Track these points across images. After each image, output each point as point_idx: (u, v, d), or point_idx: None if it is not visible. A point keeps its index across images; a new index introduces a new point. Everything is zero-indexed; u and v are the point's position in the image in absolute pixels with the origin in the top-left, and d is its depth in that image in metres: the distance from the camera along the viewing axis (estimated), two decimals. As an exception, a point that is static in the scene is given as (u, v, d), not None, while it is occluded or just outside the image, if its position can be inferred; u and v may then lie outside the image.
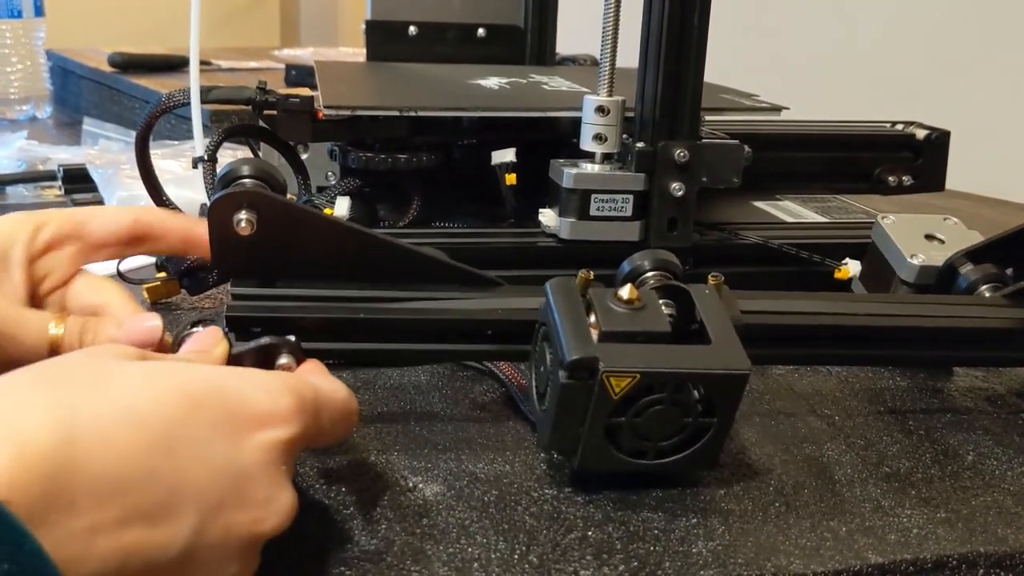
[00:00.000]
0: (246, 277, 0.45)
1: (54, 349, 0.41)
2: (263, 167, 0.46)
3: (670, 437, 0.41)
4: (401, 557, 0.37)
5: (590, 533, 0.39)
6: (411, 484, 0.42)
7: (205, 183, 0.60)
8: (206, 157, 0.59)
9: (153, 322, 0.41)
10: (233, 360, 0.39)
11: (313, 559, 0.37)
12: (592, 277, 0.43)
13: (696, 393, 0.40)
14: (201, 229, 0.44)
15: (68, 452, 0.27)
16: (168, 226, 0.46)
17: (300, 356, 0.40)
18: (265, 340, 0.40)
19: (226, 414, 0.32)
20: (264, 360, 0.39)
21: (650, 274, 0.47)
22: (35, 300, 0.44)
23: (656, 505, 0.42)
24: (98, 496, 0.27)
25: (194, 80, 0.59)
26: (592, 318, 0.41)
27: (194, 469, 0.30)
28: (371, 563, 0.37)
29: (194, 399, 0.31)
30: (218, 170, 0.61)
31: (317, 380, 0.37)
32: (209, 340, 0.39)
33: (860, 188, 0.83)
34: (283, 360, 0.39)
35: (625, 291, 0.42)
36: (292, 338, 0.40)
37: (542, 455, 0.45)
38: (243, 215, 0.42)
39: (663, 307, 0.43)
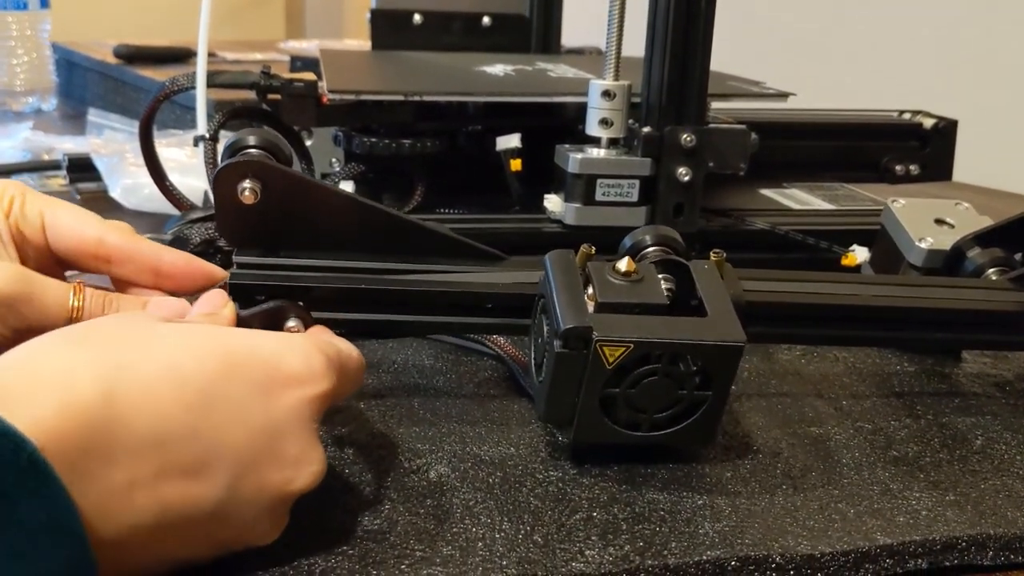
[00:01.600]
0: (250, 246, 0.45)
1: (74, 317, 0.39)
2: (269, 137, 0.45)
3: (665, 409, 0.41)
4: (405, 537, 0.37)
5: (595, 514, 0.39)
6: (415, 466, 0.42)
7: (205, 162, 0.59)
8: (207, 136, 0.58)
9: (180, 305, 0.41)
10: (241, 323, 0.40)
11: (315, 536, 0.36)
12: (593, 252, 0.43)
13: (692, 365, 0.40)
14: (170, 260, 0.42)
15: (110, 406, 0.28)
16: (133, 253, 0.41)
17: (307, 320, 0.41)
18: (273, 303, 0.41)
19: (263, 374, 0.32)
20: (272, 323, 0.40)
21: (651, 249, 0.47)
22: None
23: (662, 487, 0.41)
24: (138, 450, 0.28)
25: (201, 62, 0.59)
26: (589, 290, 0.41)
27: (232, 427, 0.31)
28: (374, 542, 0.36)
29: (233, 359, 0.32)
30: (219, 152, 0.61)
31: (334, 340, 0.38)
32: (217, 301, 0.39)
33: (867, 177, 0.83)
34: (291, 323, 0.40)
35: (623, 263, 0.42)
36: (300, 303, 0.41)
37: (546, 438, 0.45)
38: (247, 184, 0.42)
39: (662, 281, 0.43)
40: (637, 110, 0.61)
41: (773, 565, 0.37)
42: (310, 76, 0.62)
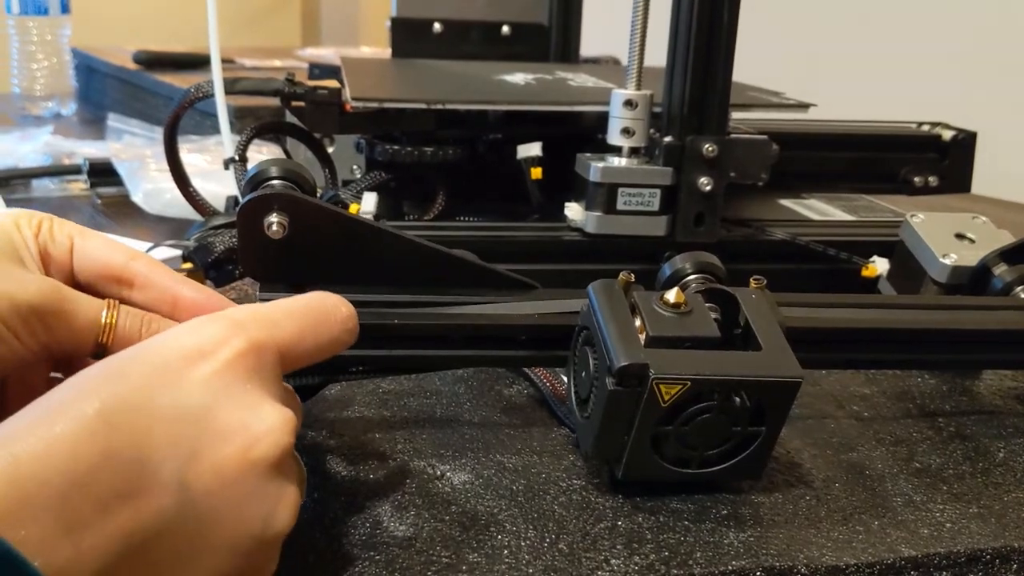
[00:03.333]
0: (275, 281, 0.44)
1: (102, 342, 0.37)
2: (292, 168, 0.44)
3: (716, 446, 0.40)
4: (431, 543, 0.37)
5: (620, 523, 0.39)
6: (439, 472, 0.42)
7: (237, 183, 0.60)
8: (236, 157, 0.59)
9: None
10: None
11: (340, 542, 0.37)
12: (633, 279, 0.42)
13: (747, 401, 0.39)
14: (190, 295, 0.39)
15: (11, 467, 0.26)
16: (155, 280, 0.39)
17: None
18: None
19: (151, 367, 0.30)
20: None
21: (692, 277, 0.46)
22: None
23: (686, 496, 0.41)
24: (59, 497, 0.26)
25: (216, 69, 0.59)
26: (637, 322, 0.40)
27: (146, 431, 0.29)
28: (400, 548, 0.36)
29: (113, 369, 0.30)
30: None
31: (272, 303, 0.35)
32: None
33: (886, 188, 0.83)
34: None
35: (672, 294, 0.41)
36: None
37: (568, 446, 0.45)
38: (274, 218, 0.41)
39: (709, 311, 0.42)
40: (658, 119, 0.61)
41: (798, 576, 0.37)
42: (333, 84, 0.62)
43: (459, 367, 0.52)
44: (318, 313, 0.36)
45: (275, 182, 0.44)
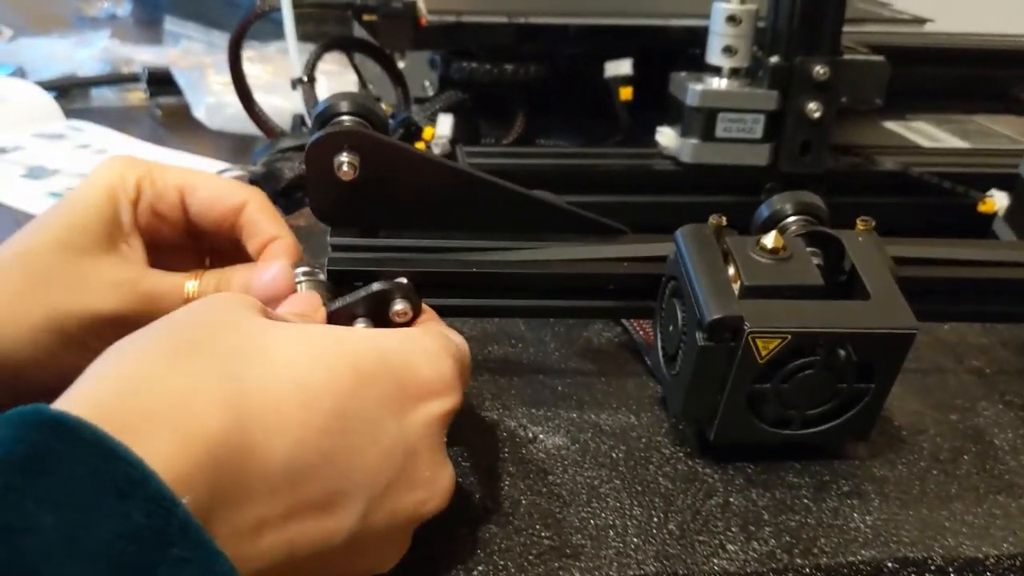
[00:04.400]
0: (347, 225, 0.41)
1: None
2: (364, 102, 0.40)
3: (820, 405, 0.36)
4: (529, 520, 0.34)
5: (732, 500, 0.36)
6: (531, 435, 0.39)
7: (306, 105, 0.56)
8: (304, 78, 0.55)
9: (281, 271, 0.36)
10: (345, 310, 0.35)
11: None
12: (725, 223, 0.38)
13: (854, 356, 0.36)
14: (281, 244, 0.37)
15: (240, 437, 0.24)
16: (260, 228, 0.37)
17: (416, 303, 0.35)
18: (377, 286, 0.35)
19: (395, 387, 0.28)
20: (377, 308, 0.35)
21: (792, 218, 0.41)
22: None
23: (801, 468, 0.38)
24: (270, 486, 0.24)
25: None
26: (731, 270, 0.36)
27: (365, 450, 0.27)
28: (497, 525, 0.34)
29: (363, 371, 0.28)
30: (316, 90, 0.57)
31: (450, 334, 0.33)
32: (312, 302, 0.35)
33: (993, 108, 0.76)
34: (398, 307, 0.34)
35: (770, 239, 0.37)
36: (404, 280, 0.35)
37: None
38: (344, 157, 0.38)
39: (811, 257, 0.38)
40: (762, 35, 0.56)
41: (933, 567, 0.33)
42: (408, -6, 0.58)
43: (542, 316, 0.49)
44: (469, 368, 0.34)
45: (345, 118, 0.40)
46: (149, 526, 0.20)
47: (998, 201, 0.58)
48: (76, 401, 0.23)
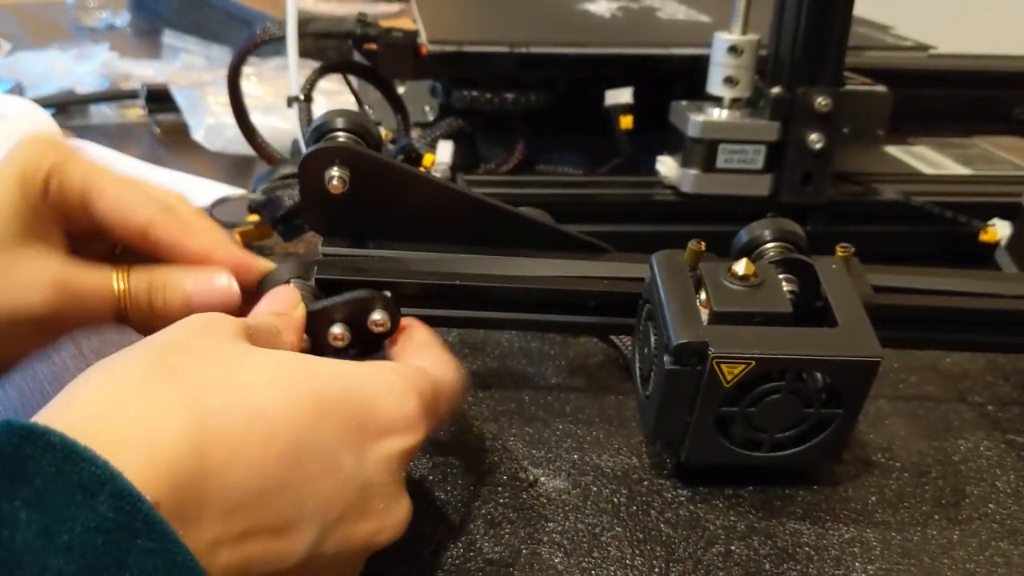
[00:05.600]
0: (337, 236, 0.42)
1: (121, 307, 0.35)
2: (358, 119, 0.41)
3: (788, 428, 0.37)
4: (529, 571, 0.34)
5: (734, 547, 0.36)
6: (532, 477, 0.39)
7: (301, 124, 0.56)
8: (302, 96, 0.55)
9: (225, 284, 0.36)
10: (324, 313, 0.37)
11: (431, 564, 0.34)
12: (704, 248, 0.38)
13: (820, 381, 0.36)
14: (222, 258, 0.36)
15: (198, 461, 0.25)
16: (180, 250, 0.36)
17: (394, 314, 0.37)
18: (359, 293, 0.37)
19: (355, 422, 0.29)
20: (357, 315, 0.37)
21: (770, 245, 0.41)
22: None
23: (803, 513, 0.38)
24: (226, 509, 0.25)
25: (291, 12, 0.55)
26: (703, 296, 0.37)
27: (321, 480, 0.28)
28: (497, 577, 0.34)
29: (324, 404, 0.29)
30: (313, 110, 0.57)
31: (429, 364, 0.34)
32: (289, 300, 0.36)
33: (995, 129, 0.76)
34: (376, 316, 0.37)
35: (740, 266, 0.37)
36: (387, 294, 0.38)
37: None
38: (335, 172, 0.39)
39: (784, 283, 0.38)
40: (763, 64, 0.56)
41: (935, 620, 0.33)
42: (408, 24, 0.57)
43: (523, 330, 0.49)
44: (458, 395, 0.35)
45: (339, 134, 0.41)
46: (116, 520, 0.22)
47: (1000, 230, 0.58)
48: (52, 421, 0.24)
